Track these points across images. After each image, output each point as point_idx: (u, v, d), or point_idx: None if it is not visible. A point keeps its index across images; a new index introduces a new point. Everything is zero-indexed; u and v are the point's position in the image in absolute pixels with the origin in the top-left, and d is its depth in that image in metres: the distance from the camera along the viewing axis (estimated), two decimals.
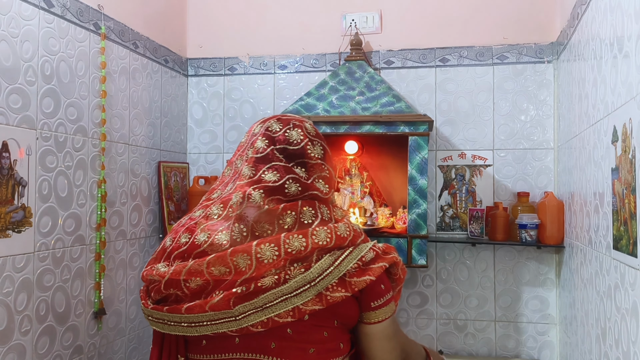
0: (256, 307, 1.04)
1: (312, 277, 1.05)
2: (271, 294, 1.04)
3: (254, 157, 1.18)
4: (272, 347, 1.09)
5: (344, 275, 1.07)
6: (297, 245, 1.05)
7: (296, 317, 1.05)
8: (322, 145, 1.23)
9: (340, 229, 1.10)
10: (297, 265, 1.06)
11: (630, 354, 1.17)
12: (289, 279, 1.04)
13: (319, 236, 1.07)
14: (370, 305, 1.14)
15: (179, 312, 1.07)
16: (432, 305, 2.32)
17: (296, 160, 1.18)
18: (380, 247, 1.15)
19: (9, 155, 1.45)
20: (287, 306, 1.04)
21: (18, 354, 1.48)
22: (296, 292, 1.05)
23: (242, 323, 1.05)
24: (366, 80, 2.18)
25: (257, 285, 1.04)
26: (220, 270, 1.05)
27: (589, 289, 1.60)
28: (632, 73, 1.17)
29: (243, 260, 1.04)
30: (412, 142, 2.00)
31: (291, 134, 1.20)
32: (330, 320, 1.11)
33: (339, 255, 1.08)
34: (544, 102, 2.25)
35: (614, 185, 1.29)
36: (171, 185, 2.30)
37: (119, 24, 1.97)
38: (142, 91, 2.14)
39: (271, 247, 1.05)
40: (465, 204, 2.29)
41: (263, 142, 1.19)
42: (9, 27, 1.46)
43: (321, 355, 1.11)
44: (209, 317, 1.06)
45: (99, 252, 1.82)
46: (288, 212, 1.11)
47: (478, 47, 2.30)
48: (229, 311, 1.04)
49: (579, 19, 1.76)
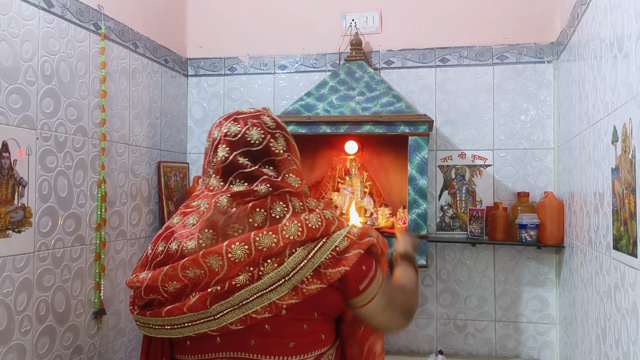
0: (232, 305, 1.05)
1: (285, 271, 1.06)
2: (246, 291, 1.05)
3: (220, 168, 1.17)
4: (252, 344, 1.10)
5: (318, 267, 1.07)
6: (268, 242, 1.06)
7: (273, 312, 1.06)
8: (284, 135, 1.21)
9: (312, 221, 1.10)
10: (271, 261, 1.06)
11: (630, 354, 1.17)
12: (263, 275, 1.05)
13: (290, 231, 1.07)
14: (359, 288, 1.13)
15: (160, 316, 1.10)
16: (432, 305, 2.32)
17: (262, 160, 1.16)
18: (355, 233, 1.13)
19: (9, 155, 1.45)
20: (263, 302, 1.05)
21: (18, 354, 1.48)
22: (271, 288, 1.05)
23: (221, 322, 1.06)
24: (366, 80, 2.18)
25: (231, 283, 1.05)
26: (195, 272, 1.06)
27: (589, 289, 1.60)
28: (632, 73, 1.17)
29: (215, 261, 1.05)
30: (412, 142, 2.00)
31: (251, 134, 1.17)
32: (310, 313, 1.12)
33: (312, 248, 1.08)
34: (544, 102, 2.25)
35: (614, 185, 1.29)
36: (171, 185, 2.30)
37: (119, 24, 1.97)
38: (142, 91, 2.14)
39: (242, 246, 1.05)
40: (465, 204, 2.29)
41: (224, 150, 1.17)
42: (9, 27, 1.46)
43: (302, 349, 1.12)
44: (189, 318, 1.08)
45: (99, 252, 1.82)
46: (257, 210, 1.10)
47: (478, 47, 2.30)
48: (207, 311, 1.06)
49: (579, 19, 1.76)
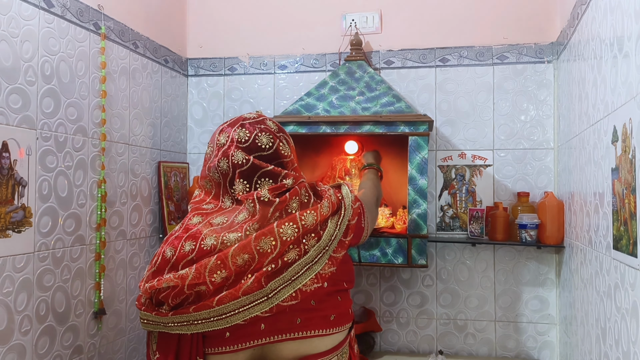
0: (285, 281, 1.13)
1: (325, 244, 1.19)
2: (297, 265, 1.14)
3: (240, 172, 1.23)
4: (297, 322, 1.17)
5: (341, 237, 1.23)
6: (311, 219, 1.18)
7: (320, 282, 1.16)
8: (285, 137, 1.32)
9: (333, 197, 1.26)
10: (309, 236, 1.18)
11: (630, 354, 1.17)
12: (308, 249, 1.16)
13: (324, 209, 1.22)
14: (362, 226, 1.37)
15: (209, 307, 1.09)
16: (432, 305, 2.32)
17: (273, 162, 1.25)
18: (353, 200, 1.32)
19: (9, 155, 1.45)
20: (310, 274, 1.15)
21: (18, 354, 1.48)
22: (315, 260, 1.17)
23: (273, 300, 1.11)
24: (366, 80, 2.18)
25: (283, 260, 1.13)
26: (243, 258, 1.10)
27: (589, 289, 1.60)
28: (632, 73, 1.17)
29: (267, 243, 1.12)
30: (412, 142, 2.00)
31: (261, 139, 1.25)
32: (341, 283, 1.25)
33: (337, 220, 1.24)
34: (544, 102, 2.25)
35: (614, 185, 1.29)
36: (171, 185, 2.30)
37: (119, 24, 1.97)
38: (142, 91, 2.14)
39: (291, 225, 1.15)
40: (465, 204, 2.29)
41: (241, 154, 1.23)
42: (9, 27, 1.46)
43: (340, 321, 1.23)
44: (241, 302, 1.09)
45: (99, 252, 1.82)
46: (294, 198, 1.22)
47: (478, 47, 2.30)
48: (262, 291, 1.10)
49: (579, 19, 1.76)
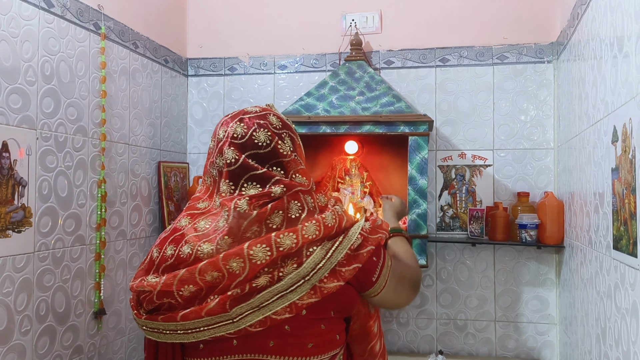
0: (253, 307, 1.04)
1: (305, 272, 1.05)
2: (267, 292, 1.04)
3: (228, 171, 1.14)
4: (270, 345, 1.09)
5: (335, 265, 1.07)
6: (289, 242, 1.05)
7: (294, 312, 1.05)
8: (290, 134, 1.19)
9: (328, 219, 1.10)
10: (290, 261, 1.06)
11: (630, 354, 1.17)
12: (283, 276, 1.04)
13: (309, 230, 1.07)
14: (372, 280, 1.15)
15: (174, 320, 1.07)
16: (432, 305, 2.32)
17: (270, 162, 1.14)
18: (367, 229, 1.15)
19: (9, 155, 1.45)
20: (283, 303, 1.04)
21: (18, 354, 1.48)
22: (291, 289, 1.05)
23: (239, 325, 1.05)
24: (366, 80, 2.18)
25: (251, 286, 1.04)
26: (212, 275, 1.04)
27: (589, 289, 1.60)
28: (632, 73, 1.17)
29: (236, 264, 1.03)
30: (412, 142, 2.00)
31: (258, 136, 1.14)
32: (327, 312, 1.12)
33: (330, 247, 1.08)
34: (544, 102, 2.25)
35: (614, 185, 1.29)
36: (171, 185, 2.30)
37: (119, 24, 1.97)
38: (142, 91, 2.14)
39: (263, 247, 1.04)
40: (465, 204, 2.29)
41: (232, 152, 1.14)
42: (9, 27, 1.46)
43: (320, 349, 1.11)
44: (205, 322, 1.05)
45: (99, 252, 1.82)
46: (276, 212, 1.09)
47: (478, 47, 2.30)
48: (226, 314, 1.04)
49: (579, 19, 1.76)
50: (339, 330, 1.16)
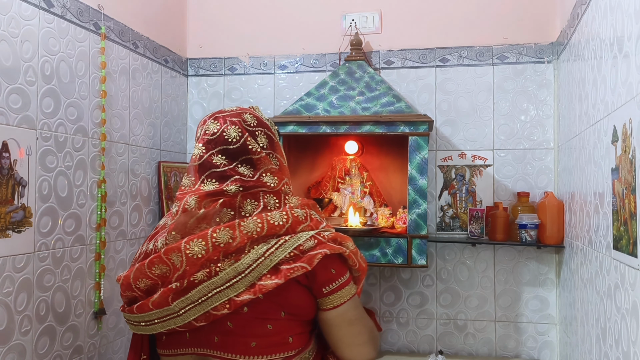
0: (193, 302, 1.07)
1: (242, 268, 1.06)
2: (204, 287, 1.06)
3: (193, 166, 1.19)
4: (215, 341, 1.11)
5: (278, 264, 1.06)
6: (225, 237, 1.06)
7: (232, 309, 1.06)
8: (267, 133, 1.21)
9: (274, 217, 1.09)
10: (230, 257, 1.07)
11: (630, 354, 1.17)
12: (220, 271, 1.06)
13: (248, 227, 1.07)
14: (322, 291, 1.12)
15: (133, 312, 1.14)
16: (432, 305, 2.32)
17: (239, 159, 1.16)
18: (327, 236, 1.12)
19: (9, 155, 1.45)
20: (221, 298, 1.06)
21: (18, 354, 1.48)
22: (228, 284, 1.06)
23: (185, 318, 1.08)
24: (366, 80, 2.18)
25: (189, 280, 1.06)
26: (161, 269, 1.09)
27: (589, 289, 1.60)
28: (632, 73, 1.17)
29: (176, 258, 1.07)
30: (412, 142, 2.00)
31: (229, 132, 1.18)
32: (276, 312, 1.10)
33: (273, 245, 1.07)
34: (544, 102, 2.25)
35: (614, 185, 1.29)
36: (171, 185, 2.30)
37: (119, 24, 1.97)
38: (142, 91, 2.14)
39: (199, 242, 1.06)
40: (465, 204, 2.29)
41: (200, 149, 1.20)
42: (9, 27, 1.46)
43: (265, 350, 1.09)
44: (157, 315, 1.10)
45: (99, 252, 1.82)
46: (225, 210, 1.11)
47: (478, 47, 2.30)
48: (170, 307, 1.08)
49: (579, 19, 1.76)
50: (294, 332, 1.13)
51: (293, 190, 1.25)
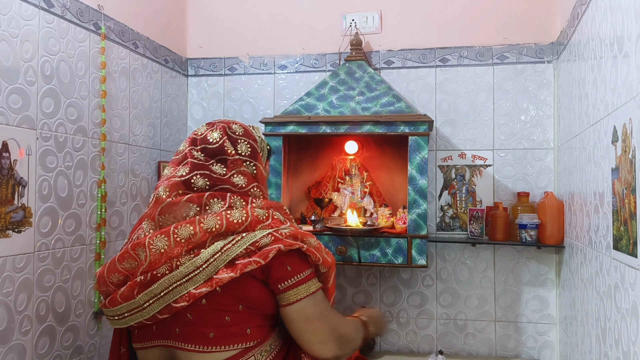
0: (155, 295, 1.12)
1: (200, 262, 1.11)
2: (165, 280, 1.11)
3: (174, 159, 1.29)
4: (176, 332, 1.16)
5: (234, 259, 1.11)
6: (185, 233, 1.12)
7: (190, 301, 1.11)
8: (250, 143, 1.30)
9: (234, 215, 1.15)
10: (191, 252, 1.13)
11: (630, 354, 1.17)
12: (180, 265, 1.12)
13: (208, 223, 1.13)
14: (278, 287, 1.16)
15: (105, 307, 1.19)
16: (432, 305, 2.32)
17: (215, 158, 1.25)
18: (284, 233, 1.16)
19: (9, 155, 1.45)
20: (181, 292, 1.11)
21: (18, 354, 1.48)
22: (187, 278, 1.11)
23: (149, 312, 1.13)
24: (366, 80, 2.18)
25: (153, 274, 1.12)
26: (130, 263, 1.15)
27: (589, 289, 1.60)
28: (632, 73, 1.17)
29: (142, 252, 1.13)
30: (412, 142, 2.00)
31: (212, 135, 1.28)
32: (233, 305, 1.14)
33: (230, 241, 1.13)
34: (544, 102, 2.25)
35: (614, 185, 1.29)
36: None
37: (119, 24, 1.97)
38: (142, 91, 2.14)
39: (162, 237, 1.12)
40: (465, 204, 2.29)
41: (184, 144, 1.30)
42: (9, 27, 1.46)
43: (222, 340, 1.14)
44: (126, 308, 1.15)
45: (99, 252, 1.82)
46: (190, 205, 1.17)
47: (478, 47, 2.30)
48: (135, 300, 1.13)
49: (579, 19, 1.76)
50: (252, 324, 1.16)
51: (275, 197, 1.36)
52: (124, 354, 1.28)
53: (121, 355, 1.28)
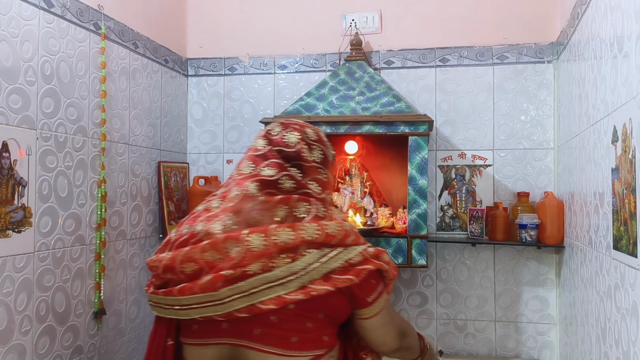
0: (241, 292, 1.09)
1: (296, 269, 1.10)
2: (256, 279, 1.09)
3: (253, 155, 1.26)
4: (255, 333, 1.14)
5: (330, 272, 1.12)
6: (285, 237, 1.11)
7: (279, 305, 1.10)
8: (323, 150, 1.29)
9: (330, 227, 1.15)
10: (284, 255, 1.11)
11: (630, 354, 1.17)
12: (274, 267, 1.10)
13: (307, 231, 1.12)
14: (367, 300, 1.20)
15: (172, 295, 1.14)
16: (432, 305, 2.32)
17: (292, 162, 1.24)
18: (370, 252, 1.20)
19: (9, 155, 1.45)
20: (270, 294, 1.09)
21: (18, 354, 1.48)
22: (280, 282, 1.10)
23: (227, 307, 1.09)
24: (366, 80, 2.18)
25: (244, 270, 1.09)
26: (213, 256, 1.11)
27: (589, 289, 1.60)
28: (632, 73, 1.17)
29: (234, 247, 1.10)
30: (412, 142, 2.00)
31: (289, 137, 1.26)
32: (316, 312, 1.16)
33: (327, 253, 1.13)
34: (544, 102, 2.25)
35: (614, 185, 1.29)
36: (171, 185, 2.30)
37: (119, 24, 1.97)
38: (142, 91, 2.14)
39: (260, 236, 1.10)
40: (465, 204, 2.29)
41: (263, 141, 1.27)
42: (9, 27, 1.46)
43: (303, 345, 1.15)
44: (197, 299, 1.11)
45: (99, 252, 1.82)
46: (280, 206, 1.16)
47: (478, 47, 2.30)
48: (216, 294, 1.09)
49: (579, 19, 1.76)
50: (328, 332, 1.19)
51: None
52: (169, 347, 1.21)
53: (166, 347, 1.21)
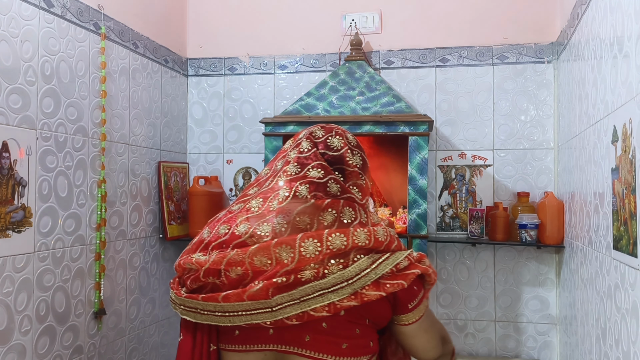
0: (294, 299, 1.07)
1: (349, 275, 1.09)
2: (309, 287, 1.07)
3: (298, 157, 1.24)
4: (306, 339, 1.12)
5: (380, 277, 1.11)
6: (339, 243, 1.09)
7: (331, 312, 1.08)
8: (362, 156, 1.29)
9: (379, 233, 1.14)
10: (336, 261, 1.09)
11: (630, 354, 1.17)
12: (327, 274, 1.08)
13: (359, 237, 1.11)
14: (408, 306, 1.18)
15: (215, 301, 1.09)
16: (432, 305, 2.31)
17: (335, 166, 1.23)
18: (414, 257, 1.20)
19: (9, 155, 1.45)
20: (323, 301, 1.07)
21: (18, 354, 1.48)
22: (333, 288, 1.08)
23: (277, 315, 1.07)
24: (366, 80, 2.18)
25: (297, 277, 1.07)
26: (262, 260, 1.08)
27: (589, 289, 1.60)
28: (632, 73, 1.17)
29: (286, 253, 1.07)
30: (412, 142, 2.00)
31: (332, 140, 1.26)
32: (363, 318, 1.15)
33: (377, 259, 1.12)
34: (544, 102, 2.25)
35: (614, 185, 1.29)
36: (171, 185, 2.30)
37: (119, 24, 1.97)
38: (142, 91, 2.14)
39: (314, 242, 1.08)
40: (465, 204, 2.29)
41: (307, 144, 1.26)
42: (9, 27, 1.46)
43: (353, 351, 1.14)
44: (244, 307, 1.08)
45: (99, 252, 1.82)
46: (329, 210, 1.15)
47: (478, 47, 2.30)
48: (267, 301, 1.06)
49: (579, 19, 1.76)
50: (373, 337, 1.19)
51: None
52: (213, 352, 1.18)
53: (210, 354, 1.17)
